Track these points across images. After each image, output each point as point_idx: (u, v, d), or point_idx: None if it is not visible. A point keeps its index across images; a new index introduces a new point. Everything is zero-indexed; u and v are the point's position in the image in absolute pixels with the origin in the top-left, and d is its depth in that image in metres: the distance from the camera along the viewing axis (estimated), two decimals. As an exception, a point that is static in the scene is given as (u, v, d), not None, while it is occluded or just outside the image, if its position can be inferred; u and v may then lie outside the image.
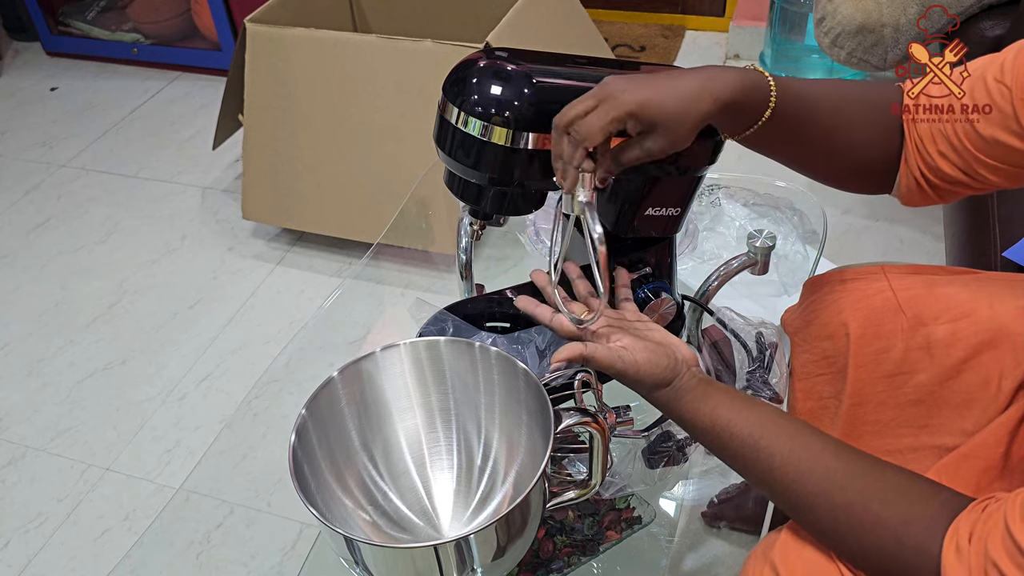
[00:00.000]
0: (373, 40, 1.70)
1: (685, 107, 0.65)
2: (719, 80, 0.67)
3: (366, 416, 0.83)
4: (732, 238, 1.24)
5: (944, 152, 0.71)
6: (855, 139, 0.75)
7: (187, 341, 1.75)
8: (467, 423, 0.86)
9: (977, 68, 0.71)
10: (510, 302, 1.03)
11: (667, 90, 0.65)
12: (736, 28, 2.46)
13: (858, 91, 0.76)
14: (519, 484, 0.80)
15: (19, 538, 1.41)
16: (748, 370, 0.94)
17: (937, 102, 0.72)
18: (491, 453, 0.85)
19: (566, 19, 2.00)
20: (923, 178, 0.73)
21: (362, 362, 0.81)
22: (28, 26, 2.81)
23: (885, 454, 0.79)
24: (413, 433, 0.86)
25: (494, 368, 0.81)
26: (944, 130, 0.70)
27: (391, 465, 0.85)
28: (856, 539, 0.60)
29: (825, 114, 0.74)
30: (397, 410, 0.85)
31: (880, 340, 0.81)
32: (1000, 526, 0.52)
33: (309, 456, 0.76)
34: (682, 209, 0.87)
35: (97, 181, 2.26)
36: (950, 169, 0.71)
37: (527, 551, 0.77)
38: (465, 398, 0.85)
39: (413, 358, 0.83)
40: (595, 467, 0.77)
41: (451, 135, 0.75)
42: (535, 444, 0.77)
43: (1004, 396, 0.74)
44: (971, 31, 1.56)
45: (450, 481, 0.86)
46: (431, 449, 0.87)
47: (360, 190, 1.80)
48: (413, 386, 0.85)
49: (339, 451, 0.81)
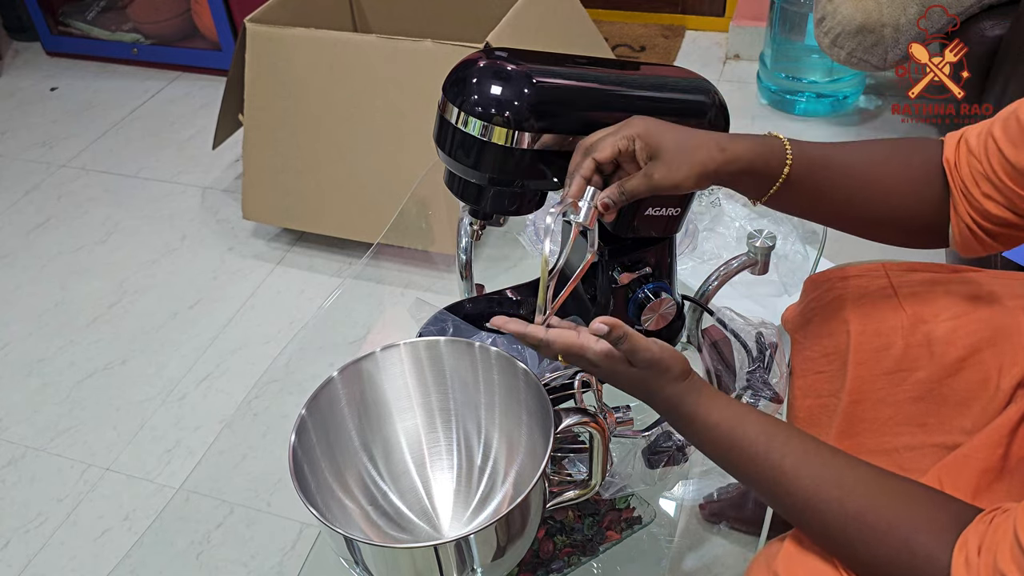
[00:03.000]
0: (373, 40, 1.70)
1: (689, 143, 0.70)
2: (733, 138, 0.71)
3: (366, 416, 0.83)
4: (732, 238, 1.24)
5: (988, 193, 0.69)
6: (897, 201, 0.74)
7: (187, 341, 1.75)
8: (467, 423, 0.86)
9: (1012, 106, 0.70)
10: (510, 302, 1.03)
11: (678, 128, 0.71)
12: (736, 28, 2.46)
13: (893, 152, 0.75)
14: (519, 484, 0.80)
15: (19, 538, 1.41)
16: (748, 370, 0.94)
17: (974, 145, 0.71)
18: (491, 453, 0.85)
19: (566, 19, 2.00)
20: (975, 223, 0.71)
21: (362, 362, 0.81)
22: (28, 26, 2.81)
23: (884, 453, 0.80)
24: (413, 433, 0.86)
25: (494, 368, 0.81)
26: (984, 170, 0.69)
27: (391, 465, 0.85)
28: (867, 548, 0.59)
29: (857, 179, 0.74)
30: (397, 410, 0.85)
31: (880, 337, 0.81)
32: (1008, 537, 0.52)
33: (309, 456, 0.76)
34: (682, 209, 0.88)
35: (97, 181, 2.26)
36: (997, 209, 0.70)
37: (527, 551, 0.77)
38: (465, 398, 0.85)
39: (413, 358, 0.83)
40: (595, 467, 0.76)
41: (451, 135, 0.75)
42: (535, 444, 0.77)
43: (1003, 394, 0.74)
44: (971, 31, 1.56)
45: (450, 481, 0.86)
46: (431, 449, 0.87)
47: (360, 190, 1.80)
48: (413, 386, 0.85)
49: (339, 451, 0.81)
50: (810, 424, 0.90)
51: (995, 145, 0.68)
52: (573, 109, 0.77)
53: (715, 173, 0.70)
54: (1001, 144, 0.68)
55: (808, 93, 2.20)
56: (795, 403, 0.92)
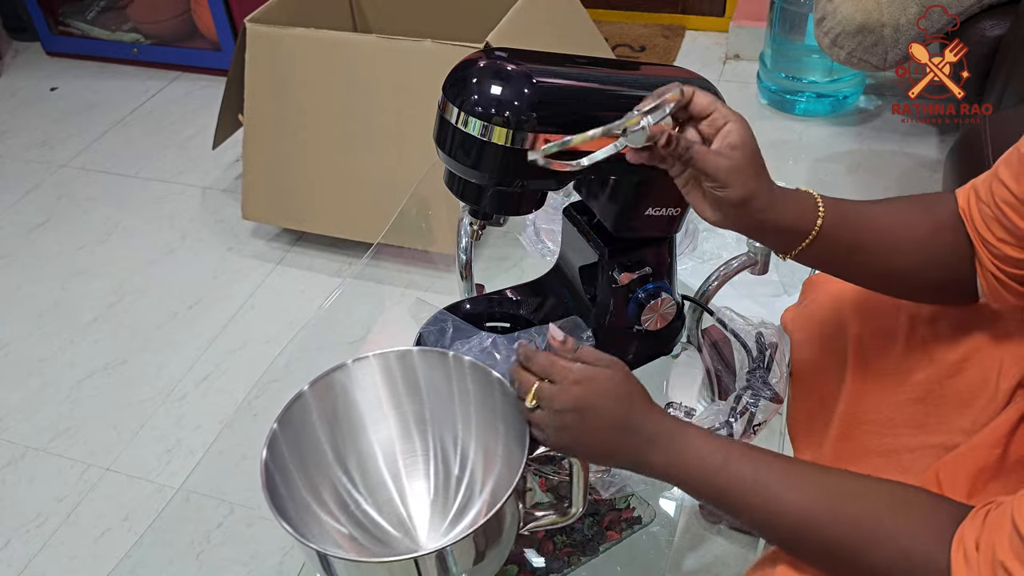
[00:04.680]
0: (373, 40, 1.70)
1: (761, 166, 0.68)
2: (781, 196, 0.70)
3: (339, 429, 0.82)
4: (732, 238, 1.24)
5: (1002, 237, 0.68)
6: (924, 255, 0.73)
7: (187, 341, 1.75)
8: (443, 433, 0.85)
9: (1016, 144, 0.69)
10: (510, 302, 1.03)
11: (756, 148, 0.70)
12: (736, 28, 2.46)
13: (914, 206, 0.75)
14: (497, 492, 0.79)
15: (19, 538, 1.41)
16: (748, 370, 0.94)
17: (983, 192, 0.70)
18: (468, 463, 0.84)
19: (566, 19, 2.00)
20: (999, 271, 0.70)
21: (334, 374, 0.80)
22: (28, 26, 2.81)
23: (883, 454, 0.80)
24: (388, 444, 0.85)
25: (468, 378, 0.80)
26: (994, 214, 0.68)
27: (367, 477, 0.84)
28: (866, 556, 0.59)
29: (884, 232, 0.73)
30: (371, 422, 0.84)
31: (879, 338, 0.81)
32: (1006, 527, 0.52)
33: (282, 471, 0.75)
34: (682, 209, 0.87)
35: (97, 181, 2.26)
36: (1015, 252, 0.68)
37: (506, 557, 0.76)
38: (440, 408, 0.84)
39: (385, 369, 0.82)
40: (575, 495, 0.75)
41: (451, 135, 0.75)
42: (512, 453, 0.76)
43: (1003, 395, 0.74)
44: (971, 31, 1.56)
45: (428, 491, 0.85)
46: (407, 460, 0.86)
47: (360, 190, 1.80)
48: (387, 397, 0.84)
49: (313, 465, 0.79)
50: (809, 425, 0.90)
51: (1001, 184, 0.67)
52: (573, 109, 0.77)
53: (754, 212, 0.68)
54: (1005, 180, 0.67)
55: (808, 93, 2.20)
56: (794, 404, 0.92)
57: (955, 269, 0.73)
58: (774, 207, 0.69)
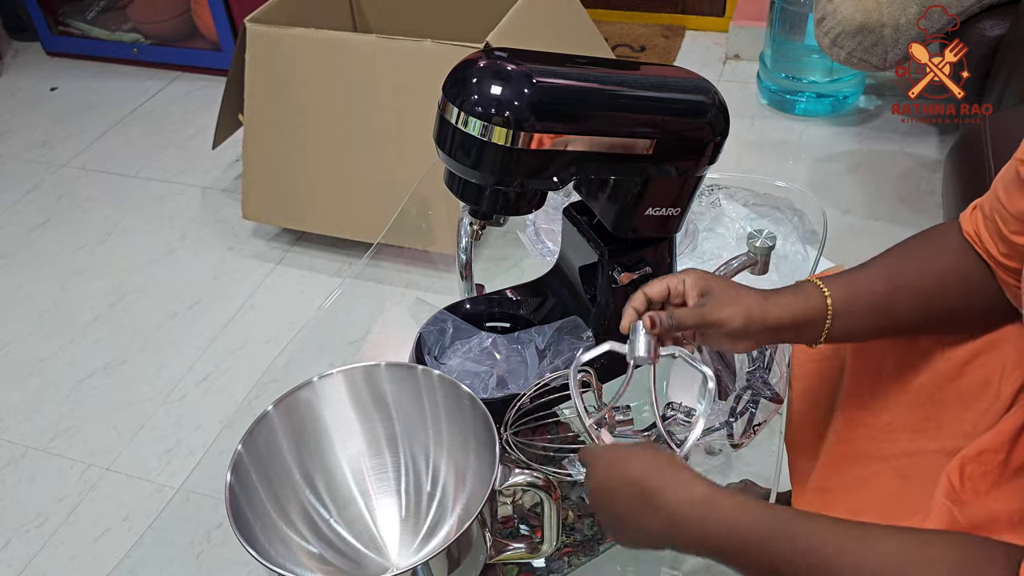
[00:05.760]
0: (373, 40, 1.70)
1: (738, 289, 0.74)
2: (772, 293, 0.74)
3: (307, 447, 0.81)
4: (732, 238, 1.24)
5: (1006, 252, 0.69)
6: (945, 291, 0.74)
7: (187, 341, 1.75)
8: (414, 449, 0.84)
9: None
10: (510, 302, 1.03)
11: (727, 279, 0.76)
12: (736, 28, 2.46)
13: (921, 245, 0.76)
14: (470, 509, 0.78)
15: (19, 538, 1.41)
16: (748, 370, 0.94)
17: (987, 210, 0.70)
18: (439, 478, 0.83)
19: (566, 19, 2.00)
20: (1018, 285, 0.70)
21: (299, 392, 0.79)
22: (28, 26, 2.81)
23: (881, 459, 0.79)
24: (357, 462, 0.84)
25: (438, 392, 0.80)
26: (996, 229, 0.69)
27: (336, 495, 0.83)
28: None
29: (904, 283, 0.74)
30: (340, 439, 0.83)
31: (879, 341, 0.81)
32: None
33: (248, 493, 0.74)
34: (682, 209, 0.88)
35: (97, 181, 2.26)
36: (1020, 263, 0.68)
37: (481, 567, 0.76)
38: (410, 424, 0.83)
39: (351, 385, 0.81)
40: (547, 532, 0.74)
41: (451, 135, 0.75)
42: (483, 469, 0.75)
43: (1004, 399, 0.73)
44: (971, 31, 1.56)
45: (398, 508, 0.84)
46: (378, 477, 0.85)
47: (360, 190, 1.80)
48: (354, 414, 0.83)
49: (279, 485, 0.79)
50: (807, 428, 0.90)
51: (998, 200, 0.68)
52: (573, 109, 0.77)
53: (760, 321, 0.72)
54: (1000, 196, 0.67)
55: (808, 93, 2.20)
56: (793, 407, 0.92)
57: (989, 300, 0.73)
58: (777, 306, 0.73)
